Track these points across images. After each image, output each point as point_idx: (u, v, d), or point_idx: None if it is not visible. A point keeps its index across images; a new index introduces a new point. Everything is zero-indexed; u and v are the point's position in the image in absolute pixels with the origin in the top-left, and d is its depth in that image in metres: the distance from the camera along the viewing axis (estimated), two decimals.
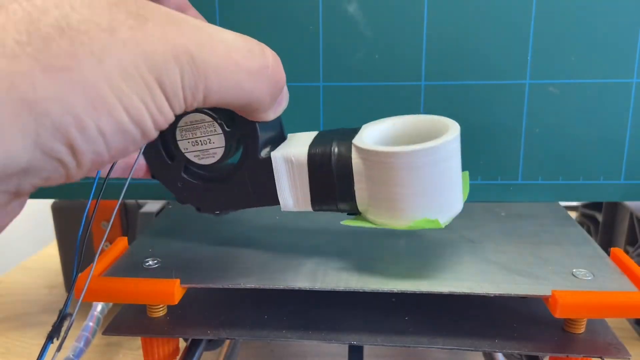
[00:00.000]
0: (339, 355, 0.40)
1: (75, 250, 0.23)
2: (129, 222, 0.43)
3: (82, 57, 0.14)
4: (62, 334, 0.22)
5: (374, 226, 0.26)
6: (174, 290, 0.26)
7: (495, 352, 0.30)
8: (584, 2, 0.33)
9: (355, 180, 0.25)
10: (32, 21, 0.14)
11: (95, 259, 0.26)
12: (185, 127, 0.26)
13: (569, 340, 0.26)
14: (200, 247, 0.30)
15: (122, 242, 0.31)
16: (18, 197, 0.16)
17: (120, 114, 0.15)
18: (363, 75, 0.35)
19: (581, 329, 0.26)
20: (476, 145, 0.36)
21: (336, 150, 0.26)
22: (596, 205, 0.48)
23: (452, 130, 0.25)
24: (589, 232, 0.48)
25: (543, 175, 0.36)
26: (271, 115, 0.23)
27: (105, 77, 0.15)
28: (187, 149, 0.27)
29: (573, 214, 0.51)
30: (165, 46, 0.16)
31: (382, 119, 0.28)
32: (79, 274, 0.27)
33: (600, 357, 0.25)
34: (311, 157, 0.26)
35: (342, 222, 0.26)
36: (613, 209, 0.45)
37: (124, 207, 0.43)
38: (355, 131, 0.27)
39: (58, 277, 0.51)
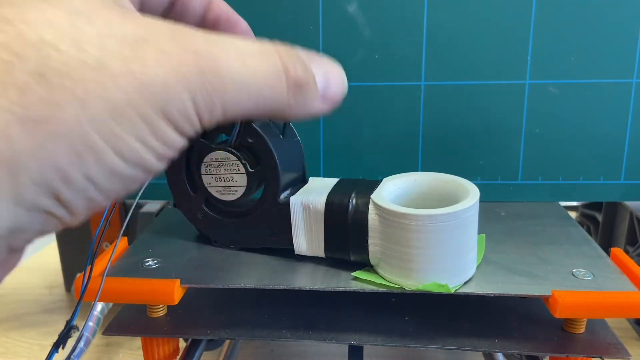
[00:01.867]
0: (339, 355, 0.40)
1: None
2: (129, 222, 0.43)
3: (63, 104, 0.13)
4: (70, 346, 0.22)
5: (382, 283, 0.26)
6: (174, 290, 0.26)
7: (495, 352, 0.30)
8: (584, 2, 0.33)
9: (369, 235, 0.26)
10: (8, 70, 0.13)
11: (96, 259, 0.26)
12: (211, 162, 0.27)
13: (568, 340, 0.26)
14: (200, 247, 0.30)
15: (122, 242, 0.31)
16: (14, 252, 0.15)
17: (111, 158, 0.14)
18: (363, 75, 0.35)
19: (581, 329, 0.26)
20: (476, 145, 0.36)
21: (354, 202, 0.26)
22: (596, 205, 0.48)
23: (471, 195, 0.25)
24: (589, 232, 0.48)
25: (543, 175, 0.36)
26: (318, 109, 0.19)
27: (91, 122, 0.13)
28: (210, 183, 0.28)
29: (573, 214, 0.51)
30: (167, 70, 0.14)
31: (403, 174, 0.28)
32: (78, 274, 0.27)
33: (600, 357, 0.25)
34: (329, 206, 0.26)
35: (352, 274, 0.27)
36: (613, 209, 0.45)
37: (124, 207, 0.43)
38: (375, 184, 0.27)
39: (58, 277, 0.51)
